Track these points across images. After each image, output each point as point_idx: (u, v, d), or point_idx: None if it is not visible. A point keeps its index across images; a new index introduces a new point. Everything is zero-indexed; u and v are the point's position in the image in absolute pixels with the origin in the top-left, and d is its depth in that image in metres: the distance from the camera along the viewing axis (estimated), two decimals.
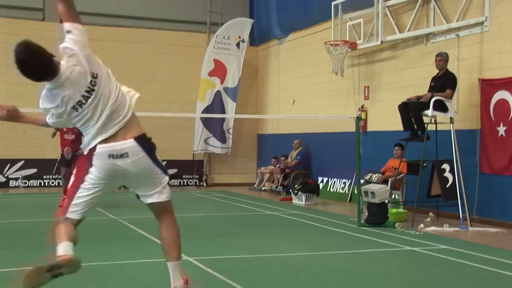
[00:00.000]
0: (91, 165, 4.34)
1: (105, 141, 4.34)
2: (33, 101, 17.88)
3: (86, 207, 4.51)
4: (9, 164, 16.82)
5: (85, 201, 4.46)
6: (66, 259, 4.18)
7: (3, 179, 16.78)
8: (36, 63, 4.58)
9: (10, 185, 16.80)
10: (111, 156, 4.32)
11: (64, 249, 4.27)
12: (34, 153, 16.87)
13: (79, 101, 4.40)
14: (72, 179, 4.43)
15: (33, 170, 16.96)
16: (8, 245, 7.97)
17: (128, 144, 4.37)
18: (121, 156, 4.34)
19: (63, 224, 4.43)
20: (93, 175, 4.36)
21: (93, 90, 4.47)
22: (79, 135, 10.84)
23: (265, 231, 9.75)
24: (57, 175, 16.88)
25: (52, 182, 17.14)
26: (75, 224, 4.56)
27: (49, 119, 4.63)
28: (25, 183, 16.89)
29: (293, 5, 17.25)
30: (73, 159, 12.69)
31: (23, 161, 16.87)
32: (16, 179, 16.86)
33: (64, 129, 12.59)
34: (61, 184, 16.00)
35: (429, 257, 7.52)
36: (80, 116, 4.39)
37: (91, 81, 4.49)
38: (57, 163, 15.94)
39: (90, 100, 4.42)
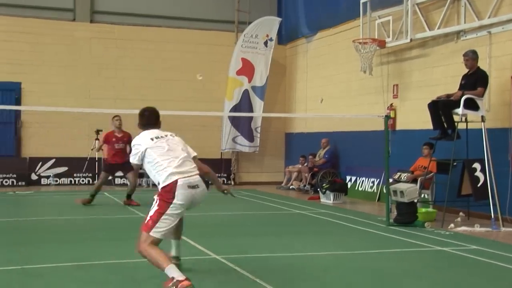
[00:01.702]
0: (174, 195, 5.46)
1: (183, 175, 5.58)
2: (61, 99, 18.20)
3: (167, 230, 5.53)
4: (40, 162, 17.07)
5: (168, 224, 5.48)
6: (188, 285, 5.03)
7: (35, 177, 17.03)
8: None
9: (42, 183, 17.05)
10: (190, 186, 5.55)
11: (178, 273, 5.15)
12: (64, 151, 17.10)
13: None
14: (157, 207, 5.45)
15: (64, 168, 17.18)
16: (39, 242, 8.09)
17: (197, 178, 5.67)
18: (194, 187, 5.58)
19: (153, 248, 5.36)
20: (175, 205, 5.47)
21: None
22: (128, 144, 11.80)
23: (293, 230, 9.73)
24: (87, 173, 17.10)
25: (82, 180, 17.34)
26: (157, 244, 5.46)
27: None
28: (56, 181, 17.12)
29: (321, 3, 17.18)
30: (117, 167, 12.96)
31: (54, 160, 17.11)
32: (48, 177, 17.10)
33: (114, 139, 12.84)
34: (93, 182, 16.22)
35: (459, 258, 7.44)
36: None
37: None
38: (86, 163, 16.17)
39: None
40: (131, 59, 18.01)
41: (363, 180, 15.04)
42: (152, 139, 5.77)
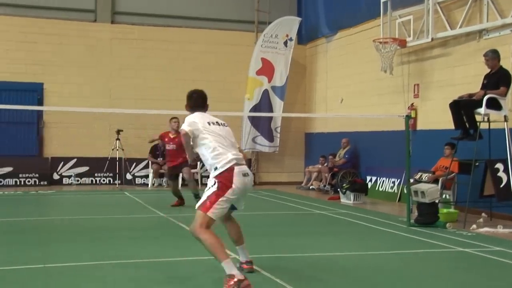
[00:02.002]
0: (232, 182, 5.60)
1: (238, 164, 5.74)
2: (83, 100, 18.42)
3: (221, 214, 5.70)
4: (62, 162, 17.23)
5: (223, 208, 5.65)
6: (249, 286, 5.24)
7: (56, 177, 17.19)
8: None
9: (63, 182, 17.21)
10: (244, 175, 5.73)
11: (237, 271, 5.33)
12: (86, 151, 17.24)
13: None
14: (216, 189, 5.58)
15: (85, 168, 17.32)
16: (61, 241, 8.16)
17: (246, 167, 5.87)
18: (246, 175, 5.75)
19: (210, 234, 5.52)
20: (233, 189, 5.62)
21: None
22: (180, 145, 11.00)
23: (313, 230, 9.71)
24: (108, 173, 17.21)
25: (103, 180, 17.46)
26: (210, 225, 5.63)
27: None
28: (78, 180, 17.26)
29: (341, 3, 17.12)
30: (174, 169, 12.46)
31: (75, 159, 17.25)
32: (69, 176, 17.25)
33: (167, 139, 12.60)
34: (113, 182, 16.32)
35: (482, 259, 7.36)
36: None
37: None
38: (107, 163, 16.26)
39: None
40: (152, 59, 18.11)
41: (383, 180, 14.96)
42: (208, 123, 5.89)
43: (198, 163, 11.35)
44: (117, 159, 16.70)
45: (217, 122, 5.99)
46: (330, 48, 17.96)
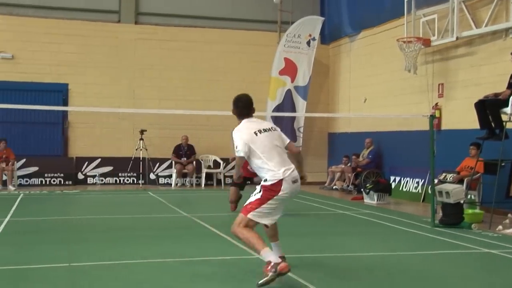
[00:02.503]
0: (279, 189, 5.71)
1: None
2: (107, 100, 18.64)
3: (263, 216, 5.78)
4: (86, 162, 17.38)
5: (266, 211, 5.76)
6: (286, 267, 5.47)
7: (81, 177, 17.36)
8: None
9: (88, 182, 17.37)
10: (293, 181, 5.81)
11: (274, 257, 5.57)
12: (110, 151, 17.38)
13: None
14: (260, 196, 5.74)
15: (109, 168, 17.45)
16: (85, 240, 8.24)
17: (296, 172, 5.90)
18: (295, 181, 5.83)
19: (248, 230, 5.70)
20: (278, 195, 5.73)
21: None
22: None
23: (337, 230, 9.67)
24: (131, 173, 17.31)
25: (127, 180, 17.58)
26: (252, 227, 5.78)
27: None
28: (102, 180, 17.40)
29: (364, 2, 17.03)
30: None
31: (99, 159, 17.39)
32: (94, 176, 17.40)
33: None
34: (137, 182, 16.41)
35: (508, 260, 7.26)
36: None
37: None
38: (131, 163, 16.37)
39: None
40: (175, 59, 18.20)
41: (407, 181, 14.85)
42: (255, 133, 5.86)
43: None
44: (141, 159, 16.81)
45: (264, 130, 5.93)
46: (354, 48, 17.87)
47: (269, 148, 5.81)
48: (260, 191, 5.75)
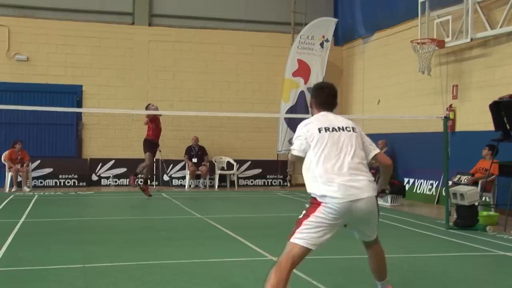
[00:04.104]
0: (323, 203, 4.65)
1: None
2: (120, 102, 18.69)
3: (309, 241, 4.67)
4: (100, 164, 17.46)
5: (310, 234, 4.66)
6: None
7: (95, 178, 17.44)
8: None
9: (102, 183, 17.44)
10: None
11: None
12: (123, 153, 17.44)
13: None
14: (305, 211, 4.74)
15: (123, 169, 17.51)
16: (100, 241, 8.28)
17: (356, 190, 4.72)
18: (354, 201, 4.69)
19: (277, 277, 4.50)
20: (325, 209, 4.65)
21: None
22: None
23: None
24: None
25: (141, 181, 17.57)
26: (300, 256, 4.66)
27: None
28: (116, 181, 17.47)
29: (378, 4, 16.99)
30: None
31: (113, 161, 17.47)
32: (108, 177, 17.48)
33: None
34: (151, 183, 16.45)
35: None
36: None
37: None
38: None
39: None
40: (189, 61, 18.25)
41: (421, 183, 14.78)
42: (320, 129, 4.76)
43: None
44: (154, 160, 16.86)
45: (332, 129, 4.78)
46: (367, 49, 17.83)
47: (328, 152, 4.67)
48: (308, 205, 4.72)
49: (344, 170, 4.61)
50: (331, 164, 4.63)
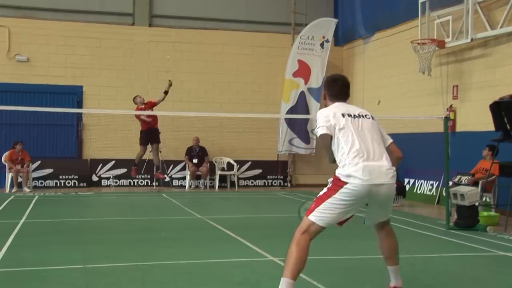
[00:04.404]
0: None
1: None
2: (121, 102, 18.71)
3: (328, 220, 4.86)
4: (101, 164, 17.46)
5: (329, 213, 4.83)
6: None
7: (95, 179, 17.44)
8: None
9: (102, 184, 17.44)
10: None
11: None
12: (124, 153, 17.45)
13: None
14: (326, 189, 4.87)
15: (123, 170, 17.51)
16: (100, 242, 8.28)
17: (383, 175, 4.94)
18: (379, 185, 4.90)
19: (299, 250, 4.75)
20: (347, 189, 4.81)
21: None
22: None
23: (350, 232, 9.59)
24: (145, 175, 17.36)
25: (141, 182, 17.63)
26: (317, 233, 4.87)
27: None
28: (116, 182, 17.47)
29: (378, 4, 16.99)
30: None
31: (114, 161, 17.47)
32: (108, 178, 17.47)
33: None
34: (151, 184, 16.44)
35: None
36: None
37: None
38: (145, 165, 16.45)
39: None
40: (189, 62, 18.25)
41: (421, 183, 14.78)
42: (343, 115, 4.98)
43: None
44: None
45: (355, 115, 5.03)
46: (367, 50, 17.83)
47: (355, 138, 4.85)
48: (327, 184, 4.87)
49: (369, 154, 4.82)
50: (356, 148, 4.81)
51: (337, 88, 5.22)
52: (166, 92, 15.30)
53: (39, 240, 8.37)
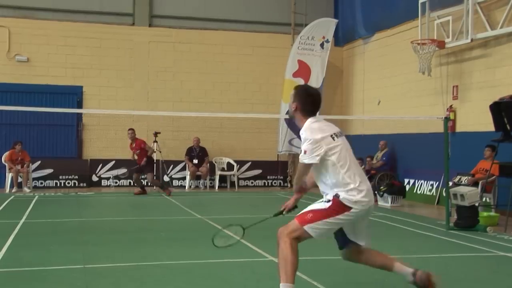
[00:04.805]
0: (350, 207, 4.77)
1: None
2: (121, 103, 18.66)
3: (320, 235, 4.87)
4: (101, 164, 17.47)
5: (324, 229, 4.84)
6: None
7: (95, 179, 17.43)
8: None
9: (102, 184, 17.44)
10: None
11: None
12: (124, 153, 17.43)
13: None
14: (326, 209, 4.78)
15: (123, 170, 17.46)
16: (100, 242, 8.28)
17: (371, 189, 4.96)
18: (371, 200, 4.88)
19: (294, 252, 4.78)
20: (349, 214, 4.79)
21: None
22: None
23: None
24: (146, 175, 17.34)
25: (141, 182, 17.59)
26: (302, 240, 4.88)
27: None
28: (116, 182, 17.46)
29: (378, 4, 16.99)
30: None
31: (114, 161, 17.46)
32: (108, 178, 17.47)
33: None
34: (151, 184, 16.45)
35: None
36: None
37: None
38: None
39: None
40: (189, 62, 18.25)
41: (421, 183, 14.78)
42: (332, 137, 4.85)
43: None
44: (155, 161, 16.85)
45: (340, 134, 4.95)
46: (367, 50, 17.83)
47: (346, 158, 4.81)
48: (330, 203, 4.76)
49: (362, 175, 4.87)
50: (353, 170, 4.81)
51: (316, 105, 5.05)
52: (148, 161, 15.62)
53: (39, 240, 8.37)
